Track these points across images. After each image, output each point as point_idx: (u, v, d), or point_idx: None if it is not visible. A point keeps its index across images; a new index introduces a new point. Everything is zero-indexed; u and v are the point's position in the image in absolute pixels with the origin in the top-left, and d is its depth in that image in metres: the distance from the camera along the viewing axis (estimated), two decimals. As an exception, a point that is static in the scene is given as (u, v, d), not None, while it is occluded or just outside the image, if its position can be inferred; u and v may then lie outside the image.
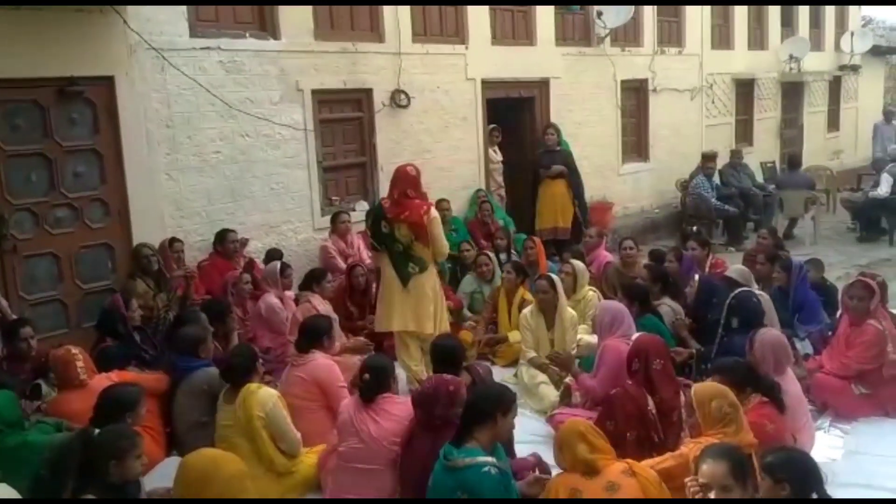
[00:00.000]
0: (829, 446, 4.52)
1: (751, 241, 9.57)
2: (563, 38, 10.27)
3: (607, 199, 10.72)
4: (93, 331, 5.48)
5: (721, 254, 8.54)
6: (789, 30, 15.25)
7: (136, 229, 6.27)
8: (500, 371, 5.82)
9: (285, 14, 7.20)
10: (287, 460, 4.13)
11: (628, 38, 11.33)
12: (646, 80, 11.64)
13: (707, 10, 12.75)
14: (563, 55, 10.22)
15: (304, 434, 4.24)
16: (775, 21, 14.77)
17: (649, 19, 11.55)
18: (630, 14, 10.55)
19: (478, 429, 3.30)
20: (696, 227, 9.87)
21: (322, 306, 5.89)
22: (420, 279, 5.42)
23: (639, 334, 4.57)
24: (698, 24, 12.58)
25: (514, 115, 10.00)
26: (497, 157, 9.69)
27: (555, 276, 5.72)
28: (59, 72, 5.74)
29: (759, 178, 12.40)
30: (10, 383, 4.45)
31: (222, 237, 6.67)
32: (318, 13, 7.52)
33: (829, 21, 16.79)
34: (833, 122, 17.31)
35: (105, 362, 4.79)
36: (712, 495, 2.87)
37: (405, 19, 8.22)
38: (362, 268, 6.62)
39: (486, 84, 9.25)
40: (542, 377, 5.31)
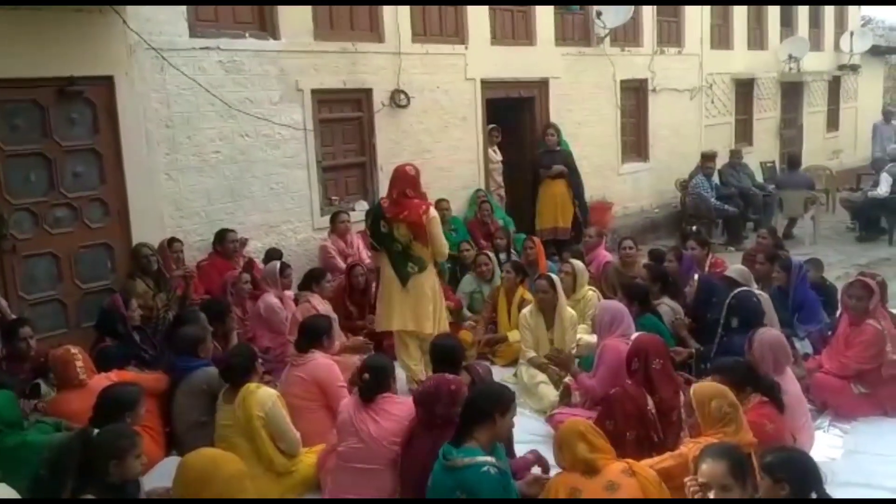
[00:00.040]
0: (828, 446, 4.52)
1: (750, 240, 9.57)
2: (562, 38, 10.27)
3: (607, 198, 10.72)
4: (92, 331, 5.47)
5: (720, 253, 8.53)
6: (789, 30, 15.25)
7: (136, 229, 6.27)
8: (500, 371, 5.81)
9: (285, 14, 7.20)
10: (286, 460, 4.13)
11: (628, 38, 11.33)
12: (645, 80, 11.64)
13: (706, 10, 12.75)
14: (563, 55, 10.22)
15: (303, 434, 4.24)
16: (775, 21, 14.77)
17: (649, 19, 11.55)
18: (629, 14, 10.55)
19: (477, 428, 3.30)
20: (695, 227, 9.87)
21: (321, 306, 5.89)
22: (419, 279, 5.42)
23: (638, 334, 4.57)
24: (698, 24, 12.58)
25: (514, 115, 10.00)
26: (497, 156, 9.69)
27: (554, 276, 5.71)
28: (59, 72, 5.74)
29: (759, 177, 12.41)
30: (10, 383, 4.46)
31: (222, 237, 6.67)
32: (318, 13, 7.52)
33: (829, 21, 16.79)
34: (832, 122, 17.31)
35: (104, 362, 4.78)
36: (712, 495, 2.87)
37: (405, 19, 8.22)
38: (362, 267, 6.61)
39: (486, 84, 9.24)
40: (542, 377, 5.31)
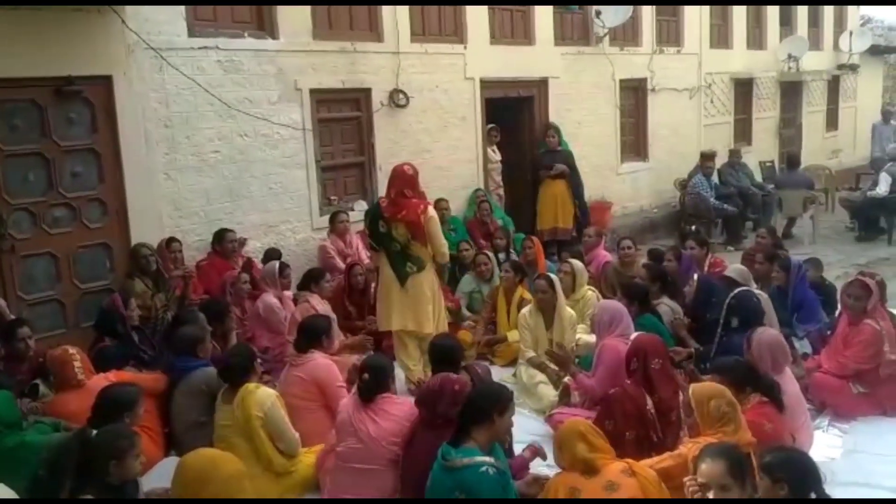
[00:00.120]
0: (827, 445, 4.52)
1: (749, 240, 9.58)
2: (561, 38, 10.26)
3: (606, 198, 10.71)
4: (91, 331, 5.47)
5: (720, 253, 8.54)
6: (788, 29, 15.25)
7: (135, 229, 6.26)
8: (499, 371, 5.82)
9: (284, 14, 7.19)
10: (285, 460, 4.13)
11: (627, 37, 11.32)
12: (644, 80, 11.63)
13: (706, 9, 12.74)
14: (562, 55, 10.21)
15: (302, 434, 4.24)
16: (774, 20, 14.76)
17: (648, 19, 11.55)
18: (628, 13, 10.55)
19: (475, 429, 3.30)
20: (694, 227, 9.86)
21: (321, 306, 5.88)
22: (418, 279, 5.42)
23: (637, 334, 4.58)
24: (697, 24, 12.57)
25: (513, 115, 9.99)
26: (496, 156, 9.68)
27: (553, 276, 5.71)
28: (58, 71, 5.73)
29: (758, 177, 12.41)
30: (8, 383, 4.45)
31: (220, 237, 6.66)
32: (317, 13, 7.51)
33: (828, 20, 16.79)
34: (832, 122, 17.31)
35: (103, 362, 4.78)
36: (711, 495, 2.87)
37: (404, 19, 8.21)
38: (361, 267, 6.61)
39: (485, 83, 9.24)
40: (541, 377, 5.31)
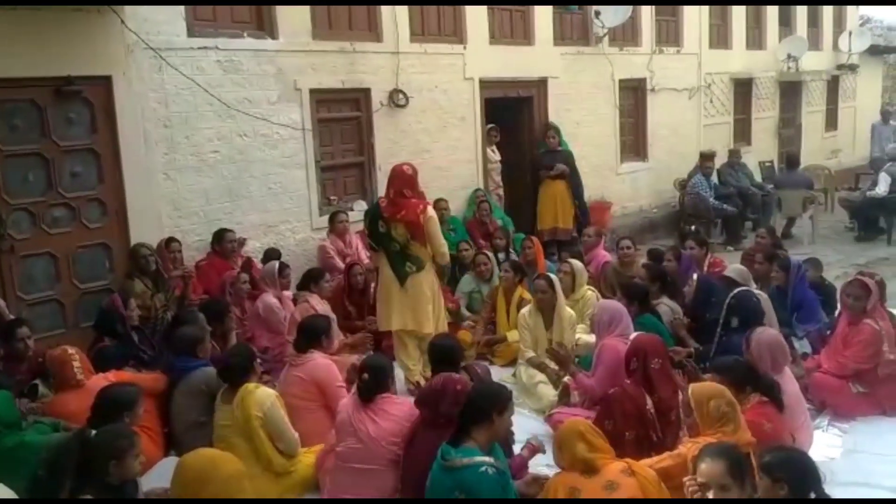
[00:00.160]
0: (827, 445, 4.52)
1: (749, 240, 9.59)
2: (561, 38, 10.26)
3: (605, 198, 10.71)
4: (90, 331, 5.47)
5: (719, 253, 8.54)
6: (787, 29, 15.25)
7: (134, 229, 6.26)
8: (499, 371, 5.82)
9: (283, 14, 7.19)
10: (285, 460, 4.13)
11: (626, 37, 11.32)
12: (644, 80, 11.63)
13: (705, 9, 12.74)
14: (562, 55, 10.21)
15: (302, 434, 4.23)
16: (773, 20, 14.77)
17: (647, 19, 11.55)
18: (628, 14, 10.54)
19: (475, 428, 3.30)
20: (694, 227, 9.86)
21: (320, 306, 5.88)
22: (418, 278, 5.42)
23: (637, 333, 4.58)
24: (696, 24, 12.57)
25: (513, 115, 9.99)
26: (495, 156, 9.68)
27: (553, 276, 5.70)
28: (57, 71, 5.72)
29: (758, 177, 12.41)
30: (7, 383, 4.45)
31: (220, 237, 6.66)
32: (316, 13, 7.51)
33: (827, 20, 16.79)
34: (831, 122, 17.31)
35: (102, 362, 4.78)
36: (710, 495, 2.87)
37: (403, 19, 8.21)
38: (360, 267, 6.61)
39: (485, 83, 9.24)
40: (541, 377, 5.30)
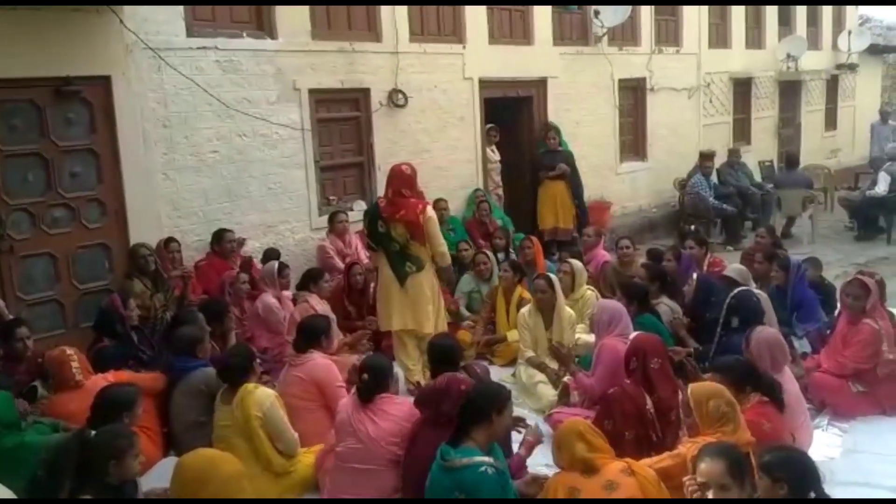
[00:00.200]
0: (827, 445, 4.52)
1: (749, 239, 9.59)
2: (560, 38, 10.26)
3: (605, 198, 10.71)
4: (90, 331, 5.47)
5: (719, 253, 8.54)
6: (787, 29, 15.25)
7: (133, 229, 6.26)
8: (499, 370, 5.82)
9: (282, 14, 7.19)
10: (285, 460, 4.13)
11: (626, 37, 11.32)
12: (643, 80, 11.63)
13: (704, 9, 12.74)
14: (561, 54, 10.21)
15: (302, 434, 4.23)
16: (772, 20, 14.77)
17: (646, 18, 11.55)
18: (627, 13, 10.54)
19: (474, 428, 3.30)
20: (694, 226, 9.87)
21: (320, 306, 5.88)
22: (418, 278, 5.41)
23: (637, 333, 4.57)
24: (696, 24, 12.57)
25: (512, 115, 9.99)
26: (495, 156, 9.68)
27: (553, 276, 5.71)
28: (56, 71, 5.72)
29: (757, 176, 12.41)
30: (7, 384, 4.45)
31: (219, 237, 6.66)
32: (316, 13, 7.51)
33: (827, 20, 16.79)
34: (831, 121, 17.31)
35: (102, 362, 4.78)
36: (710, 494, 2.87)
37: (402, 19, 8.21)
38: (360, 267, 6.61)
39: (484, 83, 9.23)
40: (541, 376, 5.30)
